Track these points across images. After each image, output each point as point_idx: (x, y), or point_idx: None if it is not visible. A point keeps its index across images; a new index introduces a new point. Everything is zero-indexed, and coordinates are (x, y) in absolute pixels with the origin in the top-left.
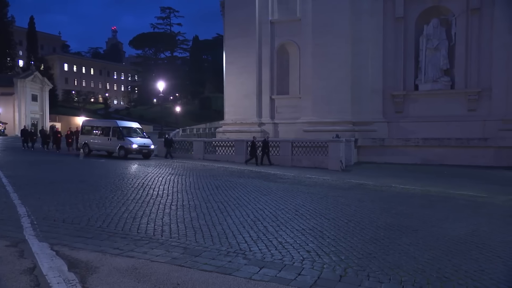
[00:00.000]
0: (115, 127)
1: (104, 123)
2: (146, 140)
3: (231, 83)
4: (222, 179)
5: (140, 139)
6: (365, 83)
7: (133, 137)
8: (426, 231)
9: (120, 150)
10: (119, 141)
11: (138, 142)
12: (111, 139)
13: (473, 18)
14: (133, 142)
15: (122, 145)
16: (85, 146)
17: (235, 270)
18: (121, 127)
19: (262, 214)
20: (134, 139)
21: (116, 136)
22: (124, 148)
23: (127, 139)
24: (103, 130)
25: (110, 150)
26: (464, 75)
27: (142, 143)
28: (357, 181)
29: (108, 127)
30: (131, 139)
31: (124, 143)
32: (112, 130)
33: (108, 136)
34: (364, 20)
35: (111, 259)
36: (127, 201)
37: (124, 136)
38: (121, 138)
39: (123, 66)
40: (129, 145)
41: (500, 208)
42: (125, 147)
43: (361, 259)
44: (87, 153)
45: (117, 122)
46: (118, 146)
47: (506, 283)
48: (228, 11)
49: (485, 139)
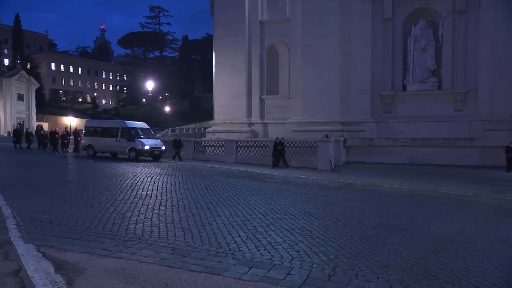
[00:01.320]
0: (124, 128)
1: (111, 123)
2: (157, 141)
3: (221, 83)
4: (211, 179)
5: (150, 140)
6: (354, 84)
7: (143, 138)
8: (414, 230)
9: (130, 152)
10: (129, 143)
11: (150, 143)
12: (120, 141)
13: (459, 19)
14: (145, 143)
15: (133, 147)
16: (90, 147)
17: (224, 270)
18: (131, 128)
19: (252, 214)
20: (145, 140)
21: (125, 137)
22: (135, 150)
23: (138, 140)
24: (110, 131)
25: (119, 152)
26: (451, 76)
27: (154, 144)
28: (346, 180)
29: (115, 128)
30: (142, 140)
31: (135, 145)
32: (121, 131)
33: (116, 138)
34: (353, 20)
35: (99, 260)
36: (116, 201)
37: (135, 137)
38: (131, 140)
39: (111, 65)
40: (140, 146)
41: (486, 207)
42: (137, 148)
43: (349, 258)
44: (91, 155)
45: (125, 122)
46: (129, 147)
47: (491, 280)
48: (218, 11)
49: (471, 139)
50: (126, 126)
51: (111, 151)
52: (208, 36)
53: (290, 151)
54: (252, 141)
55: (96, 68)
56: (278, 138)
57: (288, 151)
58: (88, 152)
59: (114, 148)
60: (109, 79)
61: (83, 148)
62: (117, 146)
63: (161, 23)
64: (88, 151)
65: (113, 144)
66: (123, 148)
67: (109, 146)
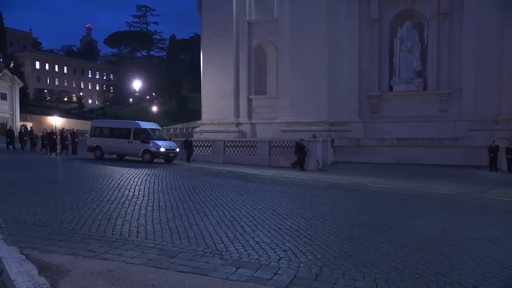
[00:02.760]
0: (138, 128)
1: (122, 123)
2: (171, 142)
3: (209, 83)
4: (199, 179)
5: (165, 142)
6: (341, 84)
7: (158, 140)
8: (400, 229)
9: (145, 154)
10: (143, 144)
11: (165, 145)
12: (132, 142)
13: (444, 21)
14: (160, 145)
15: (147, 149)
16: (97, 149)
17: (211, 271)
18: (144, 129)
19: (239, 214)
20: (160, 142)
21: (139, 139)
22: (150, 152)
23: (153, 142)
24: (120, 132)
25: (131, 154)
26: (436, 77)
27: (169, 146)
28: (333, 180)
29: (127, 129)
30: (157, 141)
31: (150, 147)
32: (134, 132)
33: (128, 139)
34: (340, 21)
35: (85, 261)
36: (102, 202)
37: (149, 139)
38: (145, 141)
39: (98, 64)
40: (155, 148)
41: (469, 205)
42: (152, 150)
43: (336, 257)
44: (99, 157)
45: (139, 123)
46: (143, 149)
47: (473, 277)
48: (205, 11)
49: (455, 139)
50: (139, 127)
51: (122, 153)
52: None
53: (278, 151)
54: (240, 141)
55: (82, 67)
56: (302, 140)
57: (276, 151)
58: (95, 153)
59: (126, 150)
60: (95, 78)
61: (89, 150)
62: (129, 148)
63: (148, 22)
64: (95, 153)
65: (124, 146)
66: (136, 150)
67: (119, 148)
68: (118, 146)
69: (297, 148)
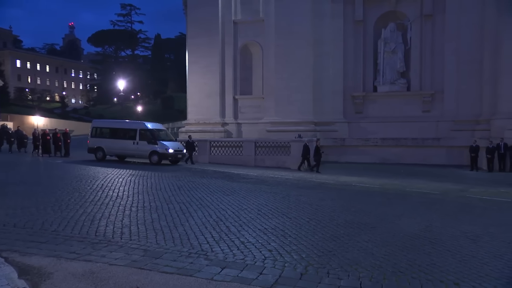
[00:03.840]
0: (144, 129)
1: (126, 124)
2: (177, 143)
3: (194, 83)
4: (184, 179)
5: (172, 143)
6: (326, 84)
7: (165, 141)
8: (384, 227)
9: (152, 156)
10: (150, 146)
11: (173, 146)
12: (138, 143)
13: (426, 23)
14: (168, 146)
15: (155, 150)
16: (99, 150)
17: (196, 271)
18: (151, 130)
19: (225, 214)
20: (167, 143)
21: (145, 140)
22: (158, 153)
23: (161, 143)
24: (125, 133)
25: (137, 156)
26: (419, 78)
27: (176, 147)
28: (318, 180)
29: (133, 129)
30: (165, 143)
31: (158, 148)
32: (140, 133)
33: (133, 140)
34: (326, 22)
35: (67, 263)
36: (85, 203)
37: (157, 140)
38: (153, 142)
39: (81, 63)
40: (164, 149)
41: (451, 204)
42: (160, 152)
43: (321, 256)
44: (100, 158)
45: (145, 123)
46: (150, 151)
47: (454, 274)
48: (191, 10)
49: (438, 139)
50: (146, 128)
51: (127, 155)
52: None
53: (263, 151)
54: (226, 141)
55: (65, 66)
56: (318, 141)
57: (262, 151)
58: (97, 155)
59: (131, 151)
60: (78, 77)
61: (89, 151)
62: (135, 149)
63: (133, 21)
64: (96, 154)
65: (129, 147)
66: (142, 151)
67: (124, 149)
68: (122, 147)
69: (304, 149)
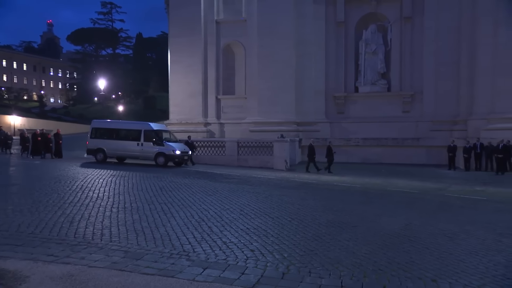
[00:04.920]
0: (149, 130)
1: (129, 125)
2: (182, 144)
3: (177, 82)
4: (166, 179)
5: (178, 144)
6: (308, 85)
7: (171, 142)
8: (364, 226)
9: (158, 157)
10: (156, 147)
11: (179, 147)
12: (143, 144)
13: (406, 25)
14: (175, 147)
15: (161, 152)
16: (99, 151)
17: (178, 272)
18: (157, 130)
19: (207, 215)
20: (174, 144)
21: (151, 141)
22: (164, 155)
23: (168, 145)
24: (128, 133)
25: (141, 158)
26: (399, 79)
27: (183, 148)
28: (301, 180)
29: (136, 130)
30: (172, 144)
31: (165, 149)
32: (145, 134)
33: (138, 141)
34: (308, 23)
35: (44, 266)
36: (64, 204)
37: (163, 141)
38: (159, 143)
39: (60, 62)
40: (171, 151)
41: (430, 203)
42: (166, 153)
43: (303, 256)
44: (101, 160)
45: (150, 124)
46: (156, 152)
47: (432, 271)
48: (173, 9)
49: (417, 139)
50: (151, 128)
51: (130, 156)
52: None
53: (246, 151)
54: (209, 141)
55: (43, 65)
56: (330, 142)
57: (245, 151)
58: (98, 156)
59: (135, 152)
60: (57, 76)
61: (89, 153)
62: (139, 150)
63: (113, 20)
64: (97, 156)
65: (133, 149)
66: (147, 153)
67: (127, 151)
68: (125, 148)
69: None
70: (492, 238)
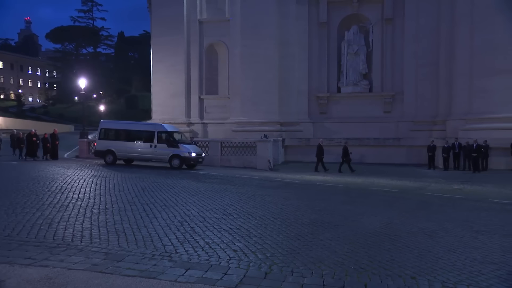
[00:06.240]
0: (163, 131)
1: (141, 126)
2: (196, 146)
3: (159, 82)
4: (148, 180)
5: (193, 146)
6: (292, 85)
7: (186, 144)
8: (346, 226)
9: (173, 159)
10: (171, 149)
11: (195, 149)
12: (157, 146)
13: (387, 27)
14: (191, 149)
15: (177, 154)
16: (109, 153)
17: (160, 274)
18: (172, 132)
19: (190, 215)
20: (189, 146)
21: (164, 143)
22: (179, 157)
23: (183, 147)
24: (140, 135)
25: (155, 160)
26: (381, 80)
27: (198, 150)
28: (284, 180)
29: (149, 132)
30: (187, 146)
31: (180, 151)
32: (158, 136)
33: (150, 143)
34: (291, 23)
35: (21, 270)
36: (43, 206)
37: (179, 143)
38: (174, 145)
39: (39, 60)
40: (186, 153)
41: (410, 201)
42: (182, 155)
43: (285, 255)
44: (110, 162)
45: (163, 125)
46: (171, 154)
47: (411, 269)
48: (156, 9)
49: (398, 139)
50: (165, 130)
51: (142, 158)
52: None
53: (229, 151)
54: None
55: (20, 63)
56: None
57: (228, 151)
58: (107, 159)
59: (148, 154)
60: (36, 75)
61: (97, 154)
62: (152, 152)
63: (94, 18)
64: (106, 158)
65: (145, 150)
66: (161, 155)
67: (139, 152)
68: (137, 150)
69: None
70: (469, 236)
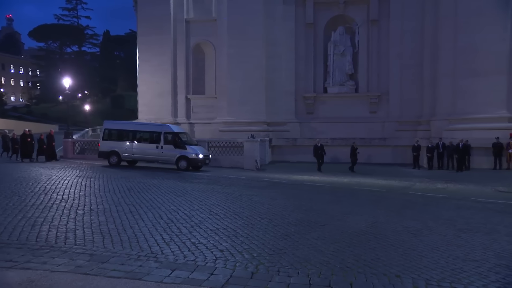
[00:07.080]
0: (169, 132)
1: (146, 126)
2: (202, 148)
3: (145, 82)
4: (134, 180)
5: (200, 148)
6: (278, 85)
7: (192, 145)
8: (333, 225)
9: (180, 161)
10: (178, 150)
11: (202, 151)
12: (163, 147)
13: (373, 28)
14: (198, 151)
15: (184, 155)
16: (113, 154)
17: (145, 275)
18: (179, 133)
19: (176, 216)
20: (196, 147)
21: (171, 144)
22: (187, 159)
23: (190, 148)
24: (146, 136)
25: (161, 161)
26: (366, 80)
27: (205, 152)
28: (271, 179)
29: (156, 132)
30: (194, 147)
31: (187, 153)
32: (164, 137)
33: (157, 144)
34: (278, 24)
35: (1, 273)
36: (25, 207)
37: (186, 144)
38: (181, 147)
39: (22, 59)
40: (193, 154)
41: (395, 200)
42: (189, 157)
43: (272, 255)
44: (115, 163)
45: (170, 126)
46: (178, 156)
47: (396, 267)
48: (142, 7)
49: (384, 139)
50: (172, 131)
51: (148, 160)
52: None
53: (216, 151)
54: None
55: (2, 61)
56: (354, 142)
57: (215, 151)
58: (111, 160)
59: (154, 156)
60: (19, 73)
61: (101, 155)
62: (158, 153)
63: (79, 16)
64: (110, 159)
65: (151, 152)
66: (168, 156)
67: (145, 154)
68: (142, 151)
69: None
70: (452, 234)
